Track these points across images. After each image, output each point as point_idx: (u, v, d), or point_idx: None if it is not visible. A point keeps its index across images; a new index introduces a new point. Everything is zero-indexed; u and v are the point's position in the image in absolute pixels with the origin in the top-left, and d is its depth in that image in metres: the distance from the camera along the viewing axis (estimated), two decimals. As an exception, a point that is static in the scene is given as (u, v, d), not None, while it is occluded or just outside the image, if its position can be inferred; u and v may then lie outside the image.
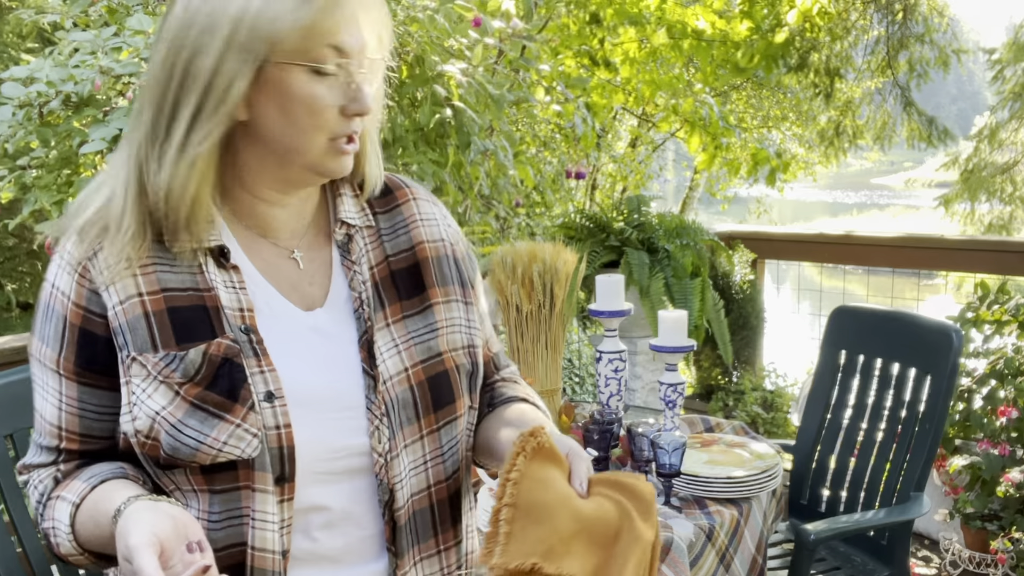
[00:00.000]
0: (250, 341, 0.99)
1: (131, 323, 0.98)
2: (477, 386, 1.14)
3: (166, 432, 0.95)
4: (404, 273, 1.12)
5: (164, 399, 0.96)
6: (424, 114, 2.58)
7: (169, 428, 0.95)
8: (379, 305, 1.09)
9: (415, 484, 1.07)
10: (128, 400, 0.98)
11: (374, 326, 1.07)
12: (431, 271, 1.13)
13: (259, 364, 0.99)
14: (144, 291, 0.98)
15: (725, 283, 4.39)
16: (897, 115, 9.01)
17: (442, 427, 1.09)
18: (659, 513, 1.70)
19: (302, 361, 1.03)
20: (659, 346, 2.01)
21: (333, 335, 1.06)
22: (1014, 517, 2.92)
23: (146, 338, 0.97)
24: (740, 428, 2.20)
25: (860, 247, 4.26)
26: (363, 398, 1.04)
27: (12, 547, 1.53)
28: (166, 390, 0.96)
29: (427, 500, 1.08)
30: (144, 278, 0.99)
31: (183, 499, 1.00)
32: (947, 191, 11.93)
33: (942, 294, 5.03)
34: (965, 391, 3.10)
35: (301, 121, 0.97)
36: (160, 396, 0.96)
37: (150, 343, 0.97)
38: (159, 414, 0.96)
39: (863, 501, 2.30)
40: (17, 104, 2.28)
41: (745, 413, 4.19)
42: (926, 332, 2.26)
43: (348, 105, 0.98)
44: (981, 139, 11.47)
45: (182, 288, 1.00)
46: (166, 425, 0.95)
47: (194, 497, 0.99)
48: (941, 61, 9.01)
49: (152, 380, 0.96)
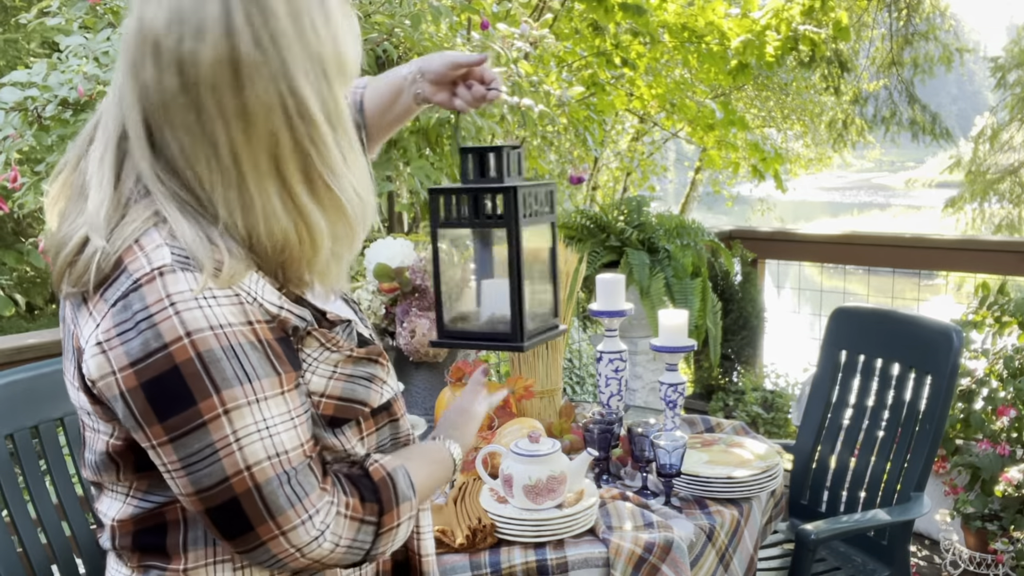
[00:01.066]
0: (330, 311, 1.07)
1: (299, 312, 1.01)
2: None
3: (344, 381, 1.04)
4: None
5: (332, 364, 1.03)
6: (423, 114, 2.59)
7: (346, 378, 1.04)
8: None
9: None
10: (302, 366, 1.02)
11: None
12: None
13: (347, 321, 1.08)
14: (277, 290, 1.01)
15: (725, 283, 4.40)
16: (903, 109, 9.05)
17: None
18: (659, 513, 1.70)
19: (337, 310, 1.12)
20: (659, 346, 2.01)
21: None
22: (1014, 517, 2.92)
23: (314, 314, 1.03)
24: (740, 428, 2.20)
25: (860, 247, 4.26)
26: (359, 320, 1.19)
27: (12, 547, 1.53)
28: (336, 357, 1.04)
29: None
30: (268, 282, 1.00)
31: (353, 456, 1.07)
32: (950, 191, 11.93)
33: (942, 294, 5.03)
34: (965, 391, 3.10)
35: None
36: (328, 361, 1.03)
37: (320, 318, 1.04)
38: (335, 371, 1.04)
39: (863, 501, 2.30)
40: (11, 107, 2.28)
41: (745, 413, 4.19)
42: (926, 332, 2.26)
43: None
44: (982, 140, 11.48)
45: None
46: (343, 377, 1.04)
47: (361, 445, 1.08)
48: (945, 58, 9.04)
49: (324, 350, 1.03)
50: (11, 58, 6.91)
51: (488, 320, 1.23)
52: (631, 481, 1.92)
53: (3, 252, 6.57)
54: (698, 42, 5.42)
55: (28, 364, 1.65)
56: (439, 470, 1.19)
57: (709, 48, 5.42)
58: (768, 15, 5.58)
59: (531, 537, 1.55)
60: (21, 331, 6.57)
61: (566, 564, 1.51)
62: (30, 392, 1.61)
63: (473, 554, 1.52)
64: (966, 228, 11.51)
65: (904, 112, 9.16)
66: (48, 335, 2.43)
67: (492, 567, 1.50)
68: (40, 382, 1.62)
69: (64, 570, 1.62)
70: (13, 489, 1.55)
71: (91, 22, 2.62)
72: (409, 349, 2.21)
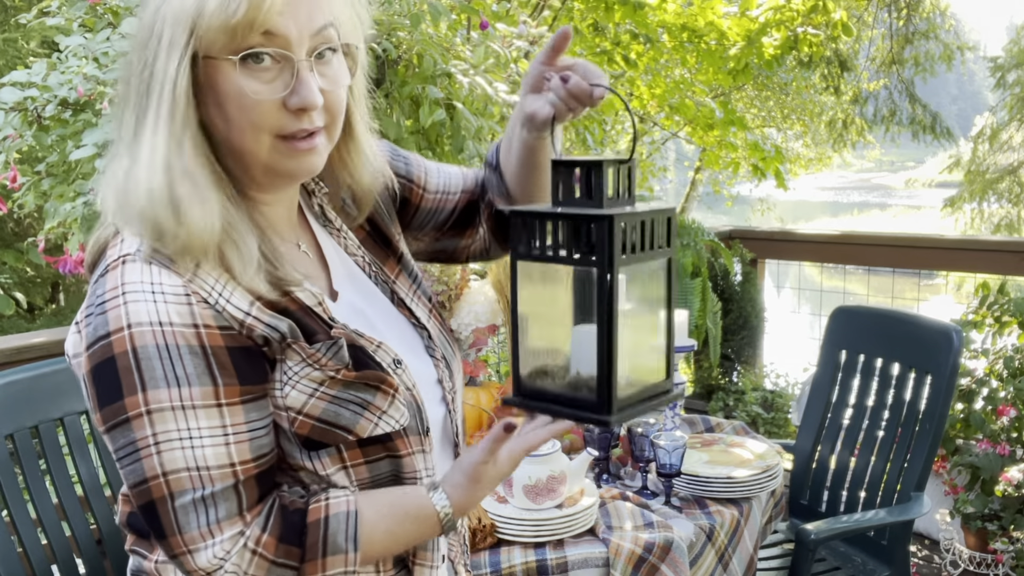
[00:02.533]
0: (344, 326, 0.99)
1: (271, 322, 0.93)
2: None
3: (327, 402, 0.95)
4: (373, 230, 1.15)
5: (317, 382, 0.95)
6: (423, 113, 2.59)
7: (330, 399, 0.95)
8: (380, 268, 1.13)
9: (461, 412, 1.17)
10: (279, 378, 0.95)
11: (391, 283, 1.13)
12: (382, 217, 1.16)
13: (370, 342, 1.00)
14: (254, 297, 0.94)
15: (725, 283, 4.39)
16: (903, 108, 9.06)
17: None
18: (659, 513, 1.70)
19: (377, 334, 1.03)
20: (659, 346, 2.01)
21: (368, 311, 1.08)
22: (1014, 517, 2.92)
23: (292, 328, 0.94)
24: (740, 428, 2.20)
25: (860, 247, 4.26)
26: (424, 350, 1.11)
27: (12, 547, 1.53)
28: (320, 374, 0.95)
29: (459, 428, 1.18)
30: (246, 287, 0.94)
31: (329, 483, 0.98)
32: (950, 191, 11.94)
33: (942, 294, 5.03)
34: (965, 391, 3.10)
35: (236, 120, 0.90)
36: (313, 378, 0.95)
37: (299, 333, 0.95)
38: (318, 390, 0.95)
39: (863, 501, 2.30)
40: (10, 107, 2.28)
41: (745, 413, 4.19)
42: (926, 332, 2.26)
43: (288, 99, 0.90)
44: (981, 140, 11.49)
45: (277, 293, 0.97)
46: (327, 397, 0.95)
47: (344, 475, 0.98)
48: (945, 56, 9.05)
49: (307, 366, 0.95)
50: (11, 58, 6.91)
51: (574, 379, 0.97)
52: (631, 481, 1.92)
53: (3, 251, 6.57)
54: (697, 42, 5.42)
55: (28, 364, 1.65)
56: (413, 527, 0.99)
57: (708, 48, 5.41)
58: (767, 12, 5.58)
59: (531, 537, 1.55)
60: (21, 331, 6.57)
61: (566, 564, 1.51)
62: (30, 392, 1.61)
63: (473, 554, 1.52)
64: (965, 228, 11.51)
65: (904, 111, 9.17)
66: (49, 335, 2.42)
67: (492, 567, 1.50)
68: (40, 382, 1.62)
69: (64, 570, 1.62)
70: (13, 489, 1.55)
71: (91, 22, 2.62)
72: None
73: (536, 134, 1.07)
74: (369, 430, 0.97)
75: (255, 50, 0.88)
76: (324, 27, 0.91)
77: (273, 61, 0.89)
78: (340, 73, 0.95)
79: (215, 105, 0.90)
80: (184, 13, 0.87)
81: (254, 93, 0.89)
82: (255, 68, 0.89)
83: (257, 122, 0.90)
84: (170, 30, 0.88)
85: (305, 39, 0.90)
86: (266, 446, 0.94)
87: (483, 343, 2.17)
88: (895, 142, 10.26)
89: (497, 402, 2.05)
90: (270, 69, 0.89)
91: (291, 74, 0.90)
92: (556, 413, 0.96)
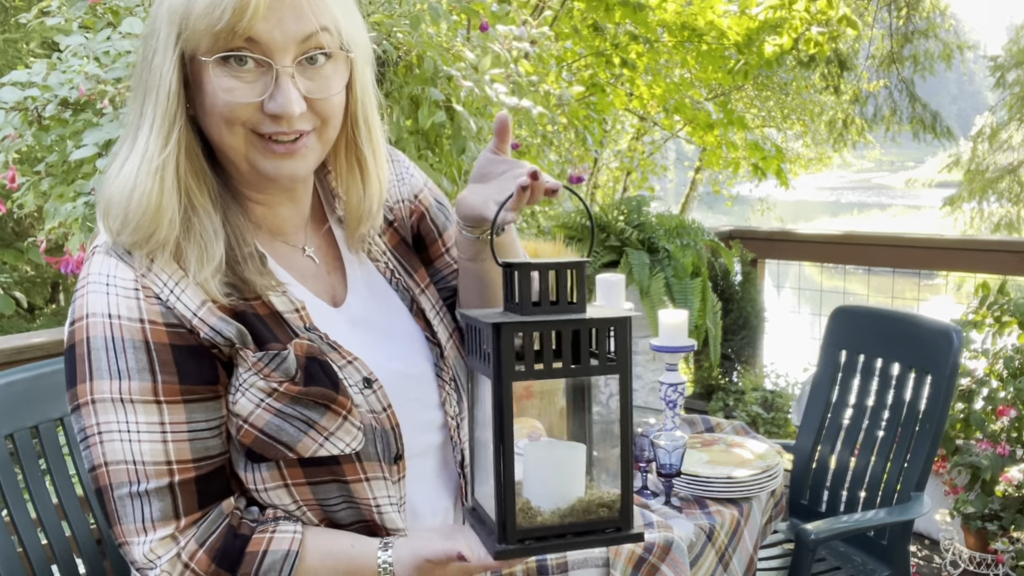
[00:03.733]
0: (320, 338, 0.97)
1: (217, 325, 0.92)
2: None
3: (272, 414, 0.92)
4: (411, 235, 1.13)
5: (265, 392, 0.93)
6: (423, 115, 2.59)
7: (275, 412, 0.92)
8: (406, 272, 1.10)
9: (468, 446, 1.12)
10: (234, 383, 0.94)
11: (414, 292, 1.08)
12: (428, 223, 1.14)
13: (341, 357, 0.97)
14: (208, 299, 0.93)
15: (725, 283, 4.39)
16: (903, 107, 9.06)
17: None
18: (659, 513, 1.70)
19: (369, 349, 1.00)
20: (659, 346, 2.01)
21: (376, 321, 1.05)
22: (1014, 517, 2.92)
23: (242, 333, 0.93)
24: (740, 428, 2.20)
25: (860, 247, 4.26)
26: (431, 368, 1.06)
27: (12, 547, 1.53)
28: (265, 384, 0.93)
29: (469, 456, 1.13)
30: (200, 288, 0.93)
31: (268, 499, 0.96)
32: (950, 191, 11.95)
33: (942, 294, 5.03)
34: (965, 391, 3.10)
35: (216, 117, 0.92)
36: (261, 388, 0.93)
37: (249, 339, 0.93)
38: (264, 400, 0.93)
39: (863, 501, 2.30)
40: (10, 107, 2.27)
41: (745, 413, 4.19)
42: (926, 332, 2.26)
43: (266, 103, 0.91)
44: (981, 139, 11.49)
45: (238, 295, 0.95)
46: (272, 409, 0.92)
47: (286, 492, 0.95)
48: (945, 55, 9.05)
49: (254, 374, 0.93)
50: (11, 58, 6.91)
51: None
52: (631, 481, 1.92)
53: (3, 251, 6.57)
54: (697, 41, 5.42)
55: (28, 364, 1.65)
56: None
57: (708, 47, 5.41)
58: (767, 11, 5.58)
59: (531, 537, 1.55)
60: (21, 331, 6.57)
61: (566, 564, 1.50)
62: (30, 392, 1.61)
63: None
64: (965, 227, 11.52)
65: (904, 111, 9.17)
66: (49, 335, 2.42)
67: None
68: (40, 382, 1.62)
69: (64, 570, 1.62)
70: (13, 489, 1.55)
71: (91, 22, 2.62)
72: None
73: (473, 233, 1.02)
74: (312, 450, 0.93)
75: (237, 53, 0.89)
76: (314, 33, 0.91)
77: (256, 65, 0.91)
78: (334, 78, 0.95)
79: (200, 103, 0.93)
80: (175, 14, 0.89)
81: (229, 90, 0.90)
82: (236, 68, 0.90)
83: (229, 116, 0.91)
84: (165, 28, 0.90)
85: (291, 46, 0.91)
86: (211, 449, 0.93)
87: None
88: (895, 142, 10.26)
89: None
90: (252, 71, 0.91)
91: (271, 79, 0.91)
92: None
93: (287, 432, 0.93)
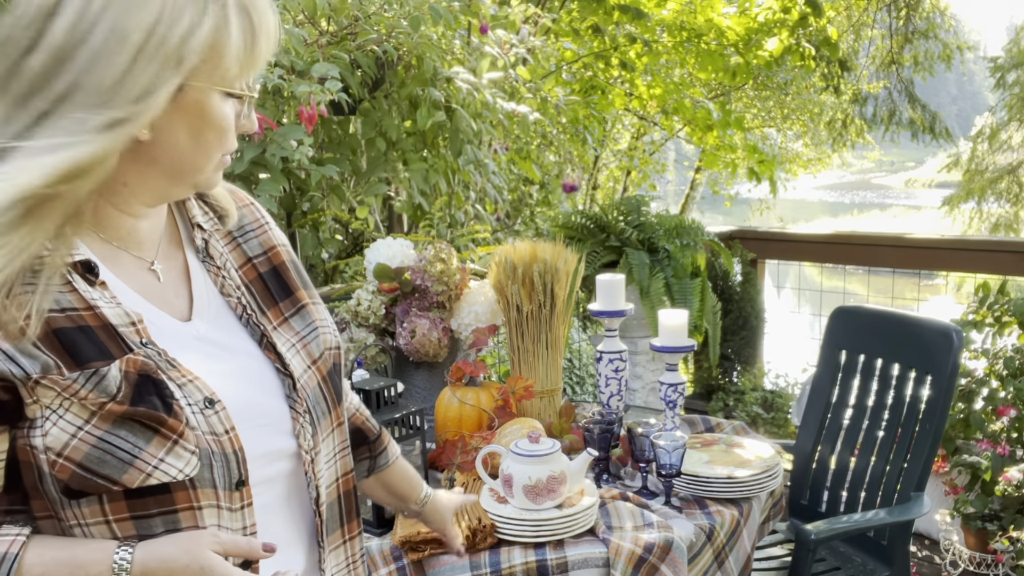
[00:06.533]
0: (158, 354, 0.92)
1: (20, 349, 0.85)
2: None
3: (91, 445, 0.86)
4: (270, 276, 1.12)
5: (82, 418, 0.86)
6: (421, 116, 2.59)
7: (95, 441, 0.86)
8: (259, 309, 1.08)
9: (328, 477, 1.09)
10: (40, 415, 0.86)
11: (266, 328, 1.06)
12: (291, 274, 1.14)
13: (180, 375, 0.92)
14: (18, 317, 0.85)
15: (725, 283, 4.40)
16: (903, 108, 9.06)
17: (343, 420, 1.13)
18: (659, 513, 1.70)
19: (212, 371, 0.97)
20: (659, 346, 2.01)
21: (225, 343, 1.02)
22: (1014, 517, 2.92)
23: (46, 361, 0.86)
24: (740, 428, 2.20)
25: (860, 247, 4.26)
26: (283, 399, 1.03)
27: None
28: (81, 409, 0.86)
29: (336, 492, 1.11)
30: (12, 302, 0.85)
31: (90, 533, 0.89)
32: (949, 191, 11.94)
33: (942, 294, 5.04)
34: (965, 391, 3.10)
35: (209, 143, 0.95)
36: (77, 413, 0.86)
37: (53, 365, 0.86)
38: (81, 429, 0.86)
39: (863, 501, 2.30)
40: None
41: (745, 413, 4.19)
42: (926, 332, 2.26)
43: (243, 123, 0.99)
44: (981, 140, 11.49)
45: (58, 308, 0.88)
46: (91, 439, 0.86)
47: (107, 528, 0.89)
48: (945, 55, 9.05)
49: (66, 400, 0.86)
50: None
51: None
52: (631, 481, 1.92)
53: None
54: (697, 41, 5.42)
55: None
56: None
57: (708, 47, 5.42)
58: (765, 12, 5.58)
59: (531, 537, 1.55)
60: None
61: (566, 564, 1.51)
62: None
63: (473, 554, 1.52)
64: (964, 228, 11.52)
65: (904, 111, 9.18)
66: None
67: (492, 567, 1.50)
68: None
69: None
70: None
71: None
72: (409, 349, 2.21)
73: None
74: (140, 480, 0.87)
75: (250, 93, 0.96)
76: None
77: (248, 91, 0.98)
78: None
79: (188, 128, 0.93)
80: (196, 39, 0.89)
81: (229, 118, 0.96)
82: (237, 98, 0.97)
83: (225, 145, 0.97)
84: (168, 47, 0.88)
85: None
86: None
87: (483, 343, 2.17)
88: (895, 142, 10.25)
89: (498, 402, 2.05)
90: (243, 98, 0.97)
91: (246, 104, 0.99)
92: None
93: (109, 464, 0.86)
